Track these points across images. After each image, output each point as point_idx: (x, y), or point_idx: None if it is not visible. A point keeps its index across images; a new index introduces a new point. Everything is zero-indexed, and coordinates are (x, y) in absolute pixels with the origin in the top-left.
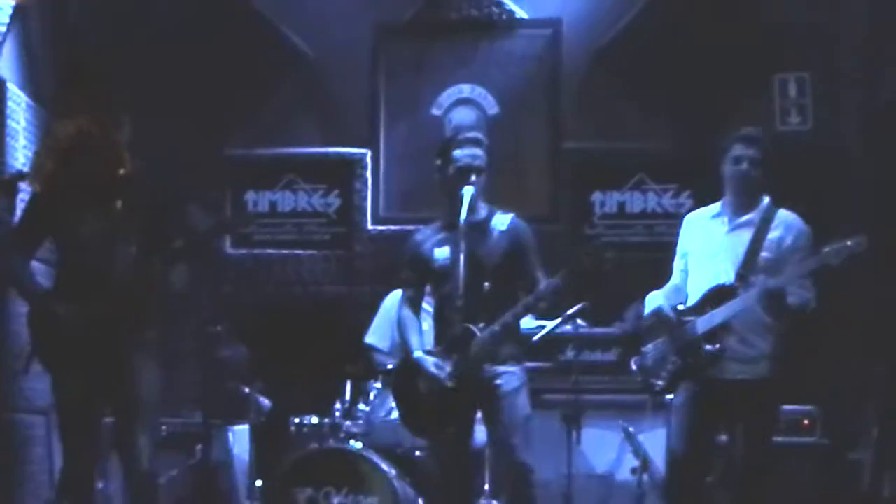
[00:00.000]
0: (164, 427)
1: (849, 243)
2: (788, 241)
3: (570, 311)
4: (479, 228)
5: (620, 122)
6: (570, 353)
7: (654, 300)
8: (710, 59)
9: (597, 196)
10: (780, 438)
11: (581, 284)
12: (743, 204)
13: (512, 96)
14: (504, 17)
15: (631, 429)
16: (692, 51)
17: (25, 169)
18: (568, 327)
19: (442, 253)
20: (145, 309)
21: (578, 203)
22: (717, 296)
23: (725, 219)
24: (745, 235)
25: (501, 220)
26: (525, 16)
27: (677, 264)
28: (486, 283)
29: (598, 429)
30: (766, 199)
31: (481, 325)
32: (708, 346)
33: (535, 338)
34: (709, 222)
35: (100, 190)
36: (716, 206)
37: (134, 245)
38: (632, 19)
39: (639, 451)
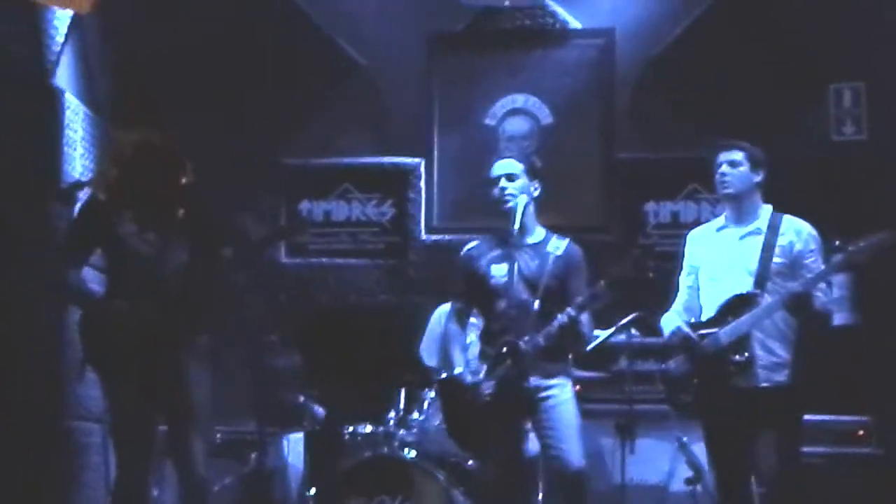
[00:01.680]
0: (218, 435)
1: (874, 239)
2: (798, 245)
3: (623, 321)
4: (535, 250)
5: (673, 131)
6: (623, 363)
7: (670, 320)
8: (764, 68)
9: (650, 206)
10: (833, 449)
11: (624, 292)
12: (744, 214)
13: (565, 106)
14: (557, 26)
15: (685, 439)
16: (745, 60)
17: (83, 178)
18: (621, 337)
19: (499, 270)
20: (198, 316)
21: (631, 213)
22: (738, 305)
23: (732, 230)
24: (755, 244)
25: (557, 245)
26: (578, 25)
27: (684, 281)
28: (536, 302)
29: (652, 439)
30: (769, 207)
31: (526, 338)
32: (736, 357)
33: (589, 347)
34: (715, 235)
35: (161, 198)
36: (719, 220)
37: (187, 252)
38: (685, 28)
39: (692, 462)
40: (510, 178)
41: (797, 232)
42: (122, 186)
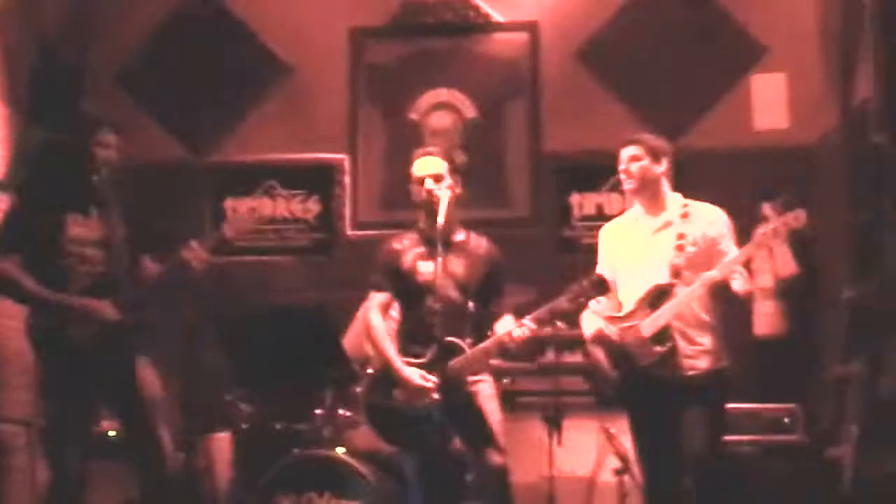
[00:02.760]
0: None
1: (784, 220)
2: (710, 232)
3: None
4: (460, 248)
5: (599, 123)
6: (550, 355)
7: (590, 320)
8: (688, 56)
9: (575, 198)
10: (760, 437)
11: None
12: (653, 206)
13: (490, 99)
14: (480, 20)
15: (612, 430)
16: (669, 49)
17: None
18: (548, 329)
19: (426, 267)
20: (142, 313)
21: (557, 205)
22: (656, 297)
23: (644, 223)
24: (668, 234)
25: (478, 243)
26: (501, 19)
27: (605, 274)
28: (471, 303)
29: (580, 430)
30: (677, 196)
31: (468, 340)
32: (658, 347)
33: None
34: (628, 229)
35: (75, 197)
36: (632, 213)
37: (119, 249)
38: (608, 19)
39: (620, 452)
40: (437, 178)
41: (707, 218)
42: (32, 187)
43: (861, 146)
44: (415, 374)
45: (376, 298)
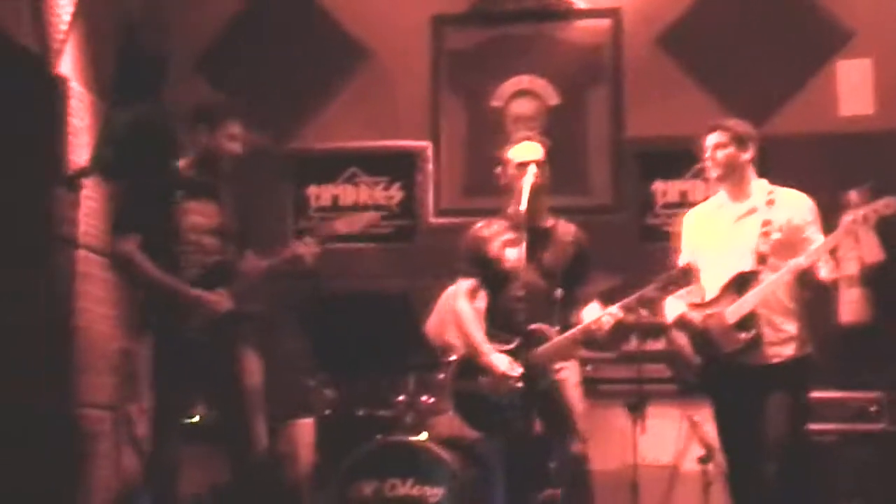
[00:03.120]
0: None
1: (874, 208)
2: (796, 219)
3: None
4: (546, 235)
5: (682, 109)
6: (632, 342)
7: (673, 305)
8: (772, 42)
9: (658, 185)
10: (845, 425)
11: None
12: (738, 192)
13: (572, 86)
14: (562, 7)
15: (696, 418)
16: (752, 35)
17: (87, 165)
18: (631, 317)
19: (513, 253)
20: (249, 303)
21: (640, 193)
22: (740, 283)
23: (728, 210)
24: (752, 220)
25: (566, 230)
26: (583, 5)
27: (687, 260)
28: (559, 290)
29: (663, 418)
30: (763, 182)
31: (555, 328)
32: (743, 334)
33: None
34: (712, 216)
35: (159, 178)
36: (715, 200)
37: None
38: (690, 5)
39: (703, 440)
40: (538, 164)
41: (791, 205)
42: (117, 165)
43: None
44: (501, 362)
45: (463, 285)
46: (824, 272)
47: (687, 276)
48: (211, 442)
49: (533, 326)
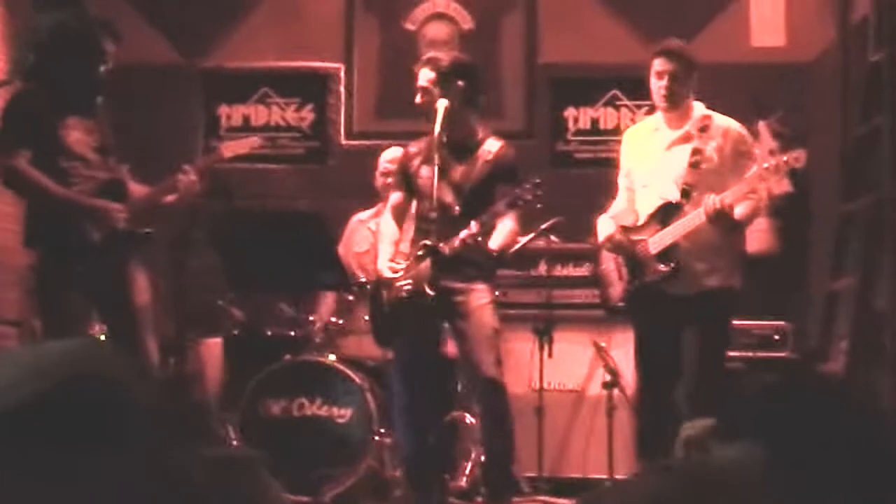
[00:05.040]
0: None
1: (785, 159)
2: (728, 148)
3: (543, 226)
4: (466, 153)
5: (596, 36)
6: (542, 268)
7: (605, 224)
8: None
9: (570, 112)
10: (750, 353)
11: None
12: (675, 117)
13: (487, 11)
14: None
15: (602, 343)
16: None
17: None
18: (540, 242)
19: (426, 171)
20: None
21: (552, 119)
22: (664, 213)
23: (663, 133)
24: (685, 149)
25: (489, 147)
26: None
27: (621, 182)
28: (457, 207)
29: (570, 343)
30: (700, 107)
31: (444, 243)
32: (661, 266)
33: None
34: (647, 137)
35: (78, 96)
36: (653, 120)
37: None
38: None
39: (609, 366)
40: (432, 81)
41: (725, 134)
42: (39, 72)
43: (858, 64)
44: (384, 268)
45: (390, 200)
46: (739, 211)
47: (534, 190)
48: None
49: (423, 243)
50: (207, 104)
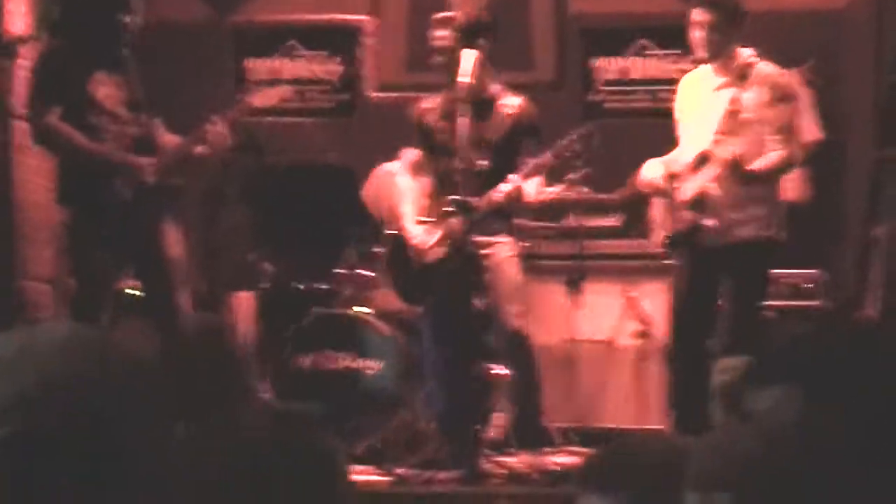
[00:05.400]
0: None
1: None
2: (766, 97)
3: (572, 176)
4: (486, 106)
5: None
6: (571, 219)
7: (650, 168)
8: None
9: (600, 62)
10: (781, 302)
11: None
12: (719, 66)
13: None
14: None
15: (633, 294)
16: None
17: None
18: (570, 192)
19: (447, 126)
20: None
21: (582, 69)
22: (699, 161)
23: (709, 80)
24: (725, 95)
25: (510, 103)
26: None
27: (678, 129)
28: (485, 162)
29: (601, 294)
30: (746, 54)
31: (475, 199)
32: (689, 215)
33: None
34: (696, 86)
35: (105, 52)
36: (704, 69)
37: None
38: None
39: (641, 317)
40: (445, 23)
41: (764, 82)
42: (65, 27)
43: (892, 11)
44: (417, 232)
45: (407, 156)
46: (759, 164)
47: (586, 142)
48: (143, 315)
49: (452, 198)
50: (235, 58)
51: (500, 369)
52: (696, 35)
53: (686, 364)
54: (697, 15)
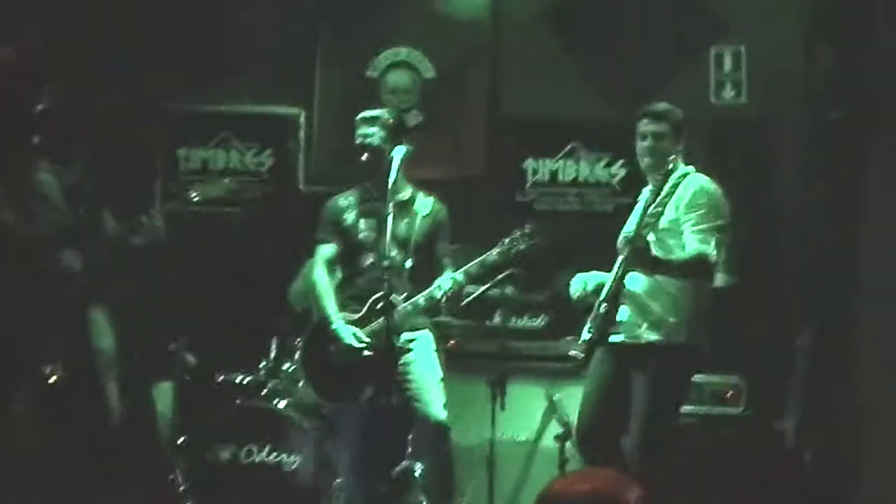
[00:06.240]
0: None
1: None
2: (686, 198)
3: (498, 276)
4: (404, 207)
5: (557, 89)
6: (497, 318)
7: (578, 280)
8: (650, 28)
9: (529, 163)
10: (704, 409)
11: (510, 265)
12: (658, 177)
13: (450, 60)
14: None
15: (556, 396)
16: (632, 19)
17: None
18: (496, 291)
19: (368, 224)
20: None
21: (512, 169)
22: (618, 257)
23: (645, 189)
24: (648, 196)
25: (424, 202)
26: None
27: None
28: (409, 261)
29: (524, 395)
30: (679, 166)
31: (403, 295)
32: (601, 308)
33: (463, 303)
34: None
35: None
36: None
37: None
38: None
39: (563, 419)
40: (371, 121)
41: (687, 186)
42: None
43: (818, 121)
44: (347, 333)
45: (322, 252)
46: (657, 251)
47: (529, 240)
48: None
49: (378, 295)
50: (167, 145)
51: (419, 465)
52: (643, 144)
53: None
54: (645, 125)
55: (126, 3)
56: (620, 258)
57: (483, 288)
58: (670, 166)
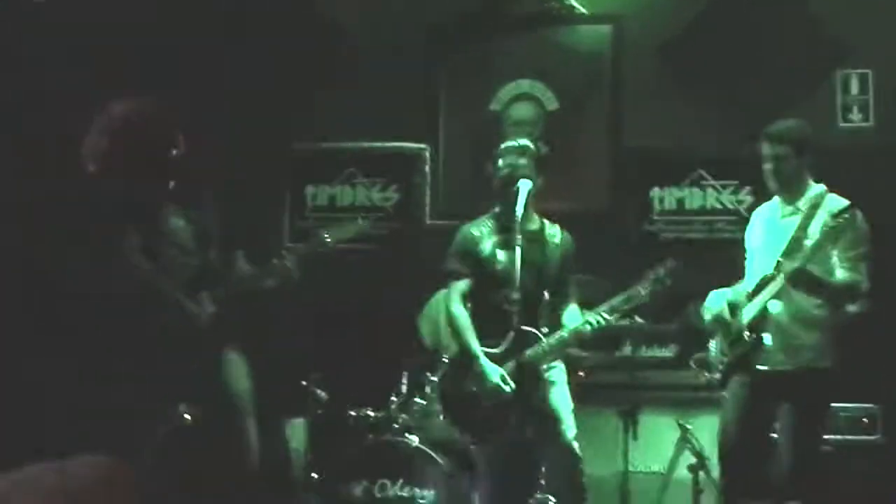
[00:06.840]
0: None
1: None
2: (829, 222)
3: (628, 306)
4: (535, 238)
5: (681, 118)
6: (627, 349)
7: (715, 298)
8: (773, 54)
9: (655, 192)
10: (839, 436)
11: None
12: (788, 197)
13: (571, 91)
14: (564, 11)
15: (688, 425)
16: (753, 46)
17: None
18: (626, 322)
19: (505, 256)
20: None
21: (637, 199)
22: (761, 285)
23: (779, 209)
24: (792, 224)
25: (553, 233)
26: (584, 11)
27: (746, 259)
28: (546, 292)
29: (655, 425)
30: (816, 187)
31: (545, 330)
32: (747, 335)
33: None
34: (766, 216)
35: (153, 170)
36: (774, 200)
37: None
38: (696, 15)
39: (695, 448)
40: (522, 151)
41: (830, 210)
42: (111, 157)
43: None
44: (495, 373)
45: (457, 287)
46: (820, 271)
47: (675, 274)
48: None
49: (522, 328)
50: (294, 183)
51: (552, 499)
52: (767, 167)
53: (739, 493)
54: (767, 148)
55: (257, 49)
56: (773, 284)
57: (613, 319)
58: (802, 185)
